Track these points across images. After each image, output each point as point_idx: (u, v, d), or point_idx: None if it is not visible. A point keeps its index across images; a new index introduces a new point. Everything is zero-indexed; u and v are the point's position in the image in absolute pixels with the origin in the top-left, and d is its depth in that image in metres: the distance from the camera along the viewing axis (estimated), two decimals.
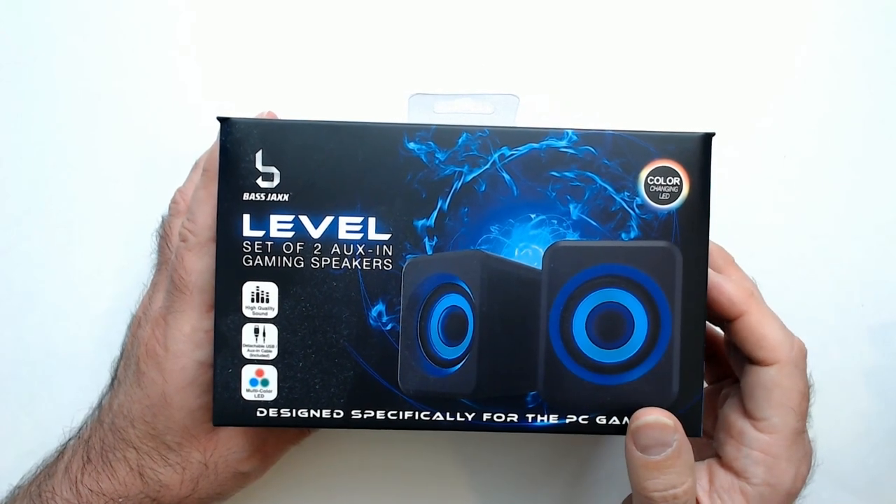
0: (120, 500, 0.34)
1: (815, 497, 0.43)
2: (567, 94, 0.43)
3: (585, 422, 0.32)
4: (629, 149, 0.31)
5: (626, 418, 0.32)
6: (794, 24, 0.44)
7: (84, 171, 0.42)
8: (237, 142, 0.31)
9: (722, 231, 0.37)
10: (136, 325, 0.36)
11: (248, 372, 0.32)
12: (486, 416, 0.32)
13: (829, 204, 0.44)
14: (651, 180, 0.31)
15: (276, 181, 0.31)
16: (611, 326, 0.32)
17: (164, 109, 0.42)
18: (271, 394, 0.32)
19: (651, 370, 0.32)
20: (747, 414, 0.33)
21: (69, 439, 0.37)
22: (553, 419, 0.32)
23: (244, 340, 0.32)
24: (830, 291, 0.44)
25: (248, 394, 0.32)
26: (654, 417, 0.31)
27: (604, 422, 0.32)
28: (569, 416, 0.32)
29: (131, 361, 0.35)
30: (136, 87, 0.42)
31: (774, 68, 0.44)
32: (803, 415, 0.33)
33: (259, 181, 0.31)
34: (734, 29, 0.43)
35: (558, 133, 0.31)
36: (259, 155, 0.31)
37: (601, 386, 0.32)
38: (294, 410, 0.32)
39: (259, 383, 0.32)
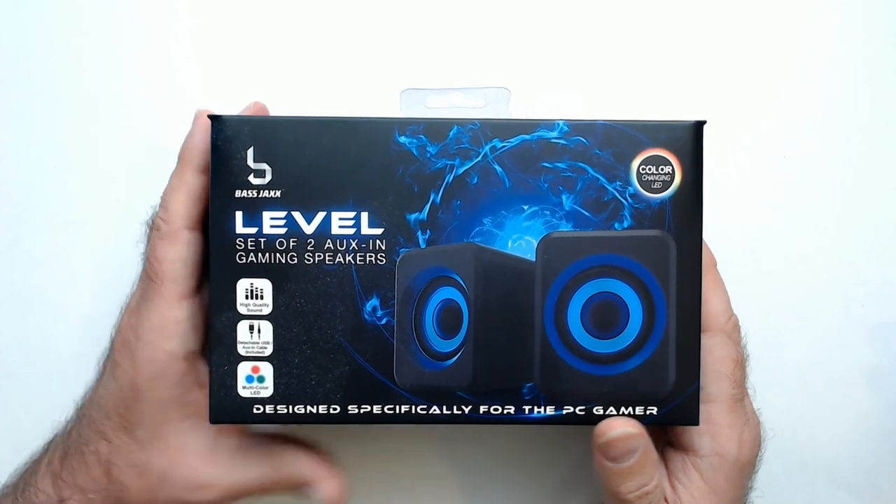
0: (91, 495, 0.33)
1: (815, 497, 0.43)
2: (561, 90, 0.43)
3: (582, 412, 0.32)
4: (620, 138, 0.31)
5: (623, 408, 0.32)
6: (793, 24, 0.44)
7: (83, 171, 0.42)
8: (228, 139, 0.31)
9: (722, 231, 0.37)
10: (119, 317, 0.36)
11: (243, 369, 0.32)
12: (482, 408, 0.32)
13: (829, 204, 0.44)
14: (643, 169, 0.31)
15: (268, 178, 0.31)
16: (606, 316, 0.32)
17: (163, 109, 0.42)
18: (267, 390, 0.32)
19: (647, 359, 0.32)
20: None
21: (54, 435, 0.36)
22: (550, 410, 0.32)
23: (239, 337, 0.32)
24: (830, 291, 0.43)
25: (244, 391, 0.32)
26: (621, 430, 0.32)
27: (601, 412, 0.32)
28: (566, 408, 0.32)
29: (109, 353, 0.35)
30: (134, 86, 0.43)
31: (774, 68, 0.44)
32: (739, 382, 0.33)
33: (251, 178, 0.31)
34: (735, 30, 0.44)
35: (549, 124, 0.31)
36: (250, 152, 0.31)
37: (598, 376, 0.32)
38: (290, 407, 0.32)
39: (255, 380, 0.32)
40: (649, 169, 0.31)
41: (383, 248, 0.31)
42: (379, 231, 0.31)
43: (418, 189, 0.31)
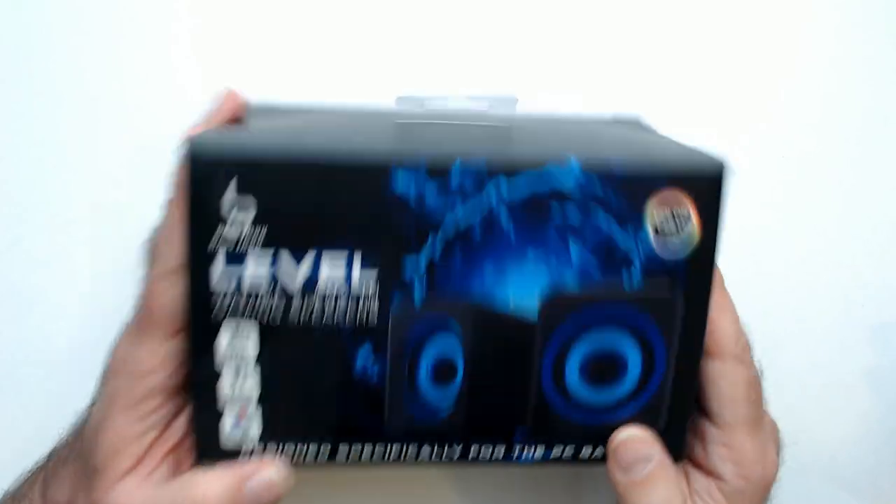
0: None
1: (815, 497, 0.43)
2: (561, 91, 0.43)
3: (571, 453, 0.32)
4: (638, 183, 0.28)
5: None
6: (793, 24, 0.44)
7: (83, 171, 0.42)
8: (206, 178, 0.27)
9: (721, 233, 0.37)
10: (116, 338, 0.34)
11: (229, 413, 0.30)
12: (472, 450, 0.31)
13: (829, 204, 0.44)
14: (659, 219, 0.29)
15: (252, 215, 0.28)
16: (605, 369, 0.30)
17: (163, 109, 0.42)
18: (255, 431, 0.30)
19: (641, 408, 0.31)
20: (705, 413, 0.32)
21: (56, 444, 0.36)
22: (539, 452, 0.32)
23: (223, 384, 0.30)
24: (830, 293, 0.44)
25: (230, 431, 0.30)
26: (629, 433, 0.31)
27: (589, 452, 0.32)
28: (554, 449, 0.32)
29: (104, 373, 0.33)
30: (134, 86, 0.43)
31: (773, 69, 0.44)
32: (755, 402, 0.32)
33: (232, 218, 0.28)
34: (734, 30, 0.44)
35: (562, 162, 0.28)
36: (232, 189, 0.27)
37: (590, 424, 0.31)
38: (280, 445, 0.31)
39: (241, 423, 0.30)
40: (666, 219, 0.29)
41: (377, 296, 0.29)
42: (372, 278, 0.29)
43: (415, 234, 0.28)
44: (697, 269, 0.29)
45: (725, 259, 0.36)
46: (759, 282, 0.43)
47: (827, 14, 0.44)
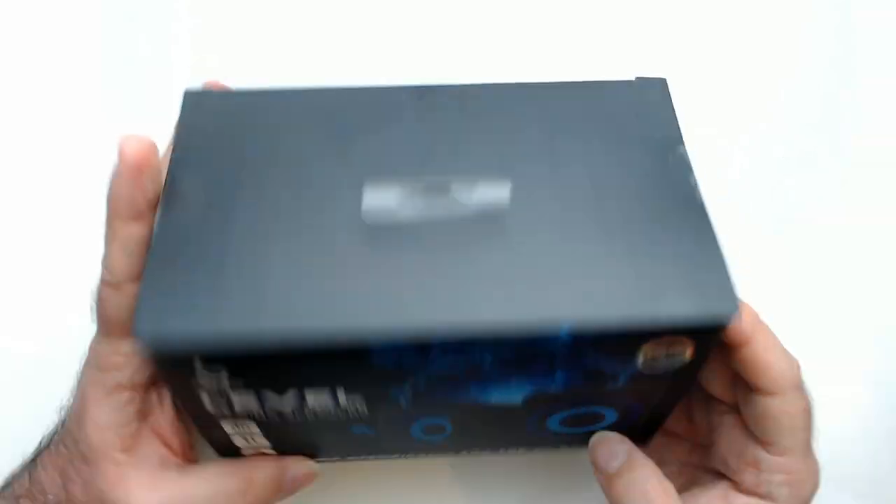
0: (50, 496, 0.32)
1: (815, 497, 0.43)
2: None
3: (550, 448, 0.37)
4: (633, 337, 0.26)
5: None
6: (793, 24, 0.44)
7: (83, 171, 0.42)
8: (166, 362, 0.28)
9: (720, 232, 0.37)
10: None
11: (246, 451, 0.34)
12: (462, 455, 0.37)
13: (829, 204, 0.44)
14: (652, 355, 0.27)
15: (225, 379, 0.28)
16: (583, 421, 0.33)
17: (163, 109, 0.42)
18: (270, 450, 0.34)
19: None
20: (759, 441, 0.32)
21: (46, 433, 0.36)
22: (522, 451, 0.37)
23: (235, 442, 0.33)
24: (830, 293, 0.44)
25: (246, 450, 0.34)
26: (598, 436, 0.34)
27: (567, 448, 0.36)
28: (536, 449, 0.37)
29: (84, 362, 0.34)
30: (135, 86, 0.43)
31: (774, 68, 0.44)
32: (811, 427, 0.33)
33: (205, 380, 0.27)
34: (734, 30, 0.44)
35: (553, 329, 0.26)
36: (199, 366, 0.27)
37: (567, 435, 0.34)
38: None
39: (256, 447, 0.34)
40: (660, 354, 0.27)
41: (365, 408, 0.30)
42: (358, 398, 0.29)
43: (398, 379, 0.28)
44: (685, 371, 0.29)
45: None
46: (759, 282, 0.42)
47: (827, 14, 0.44)
